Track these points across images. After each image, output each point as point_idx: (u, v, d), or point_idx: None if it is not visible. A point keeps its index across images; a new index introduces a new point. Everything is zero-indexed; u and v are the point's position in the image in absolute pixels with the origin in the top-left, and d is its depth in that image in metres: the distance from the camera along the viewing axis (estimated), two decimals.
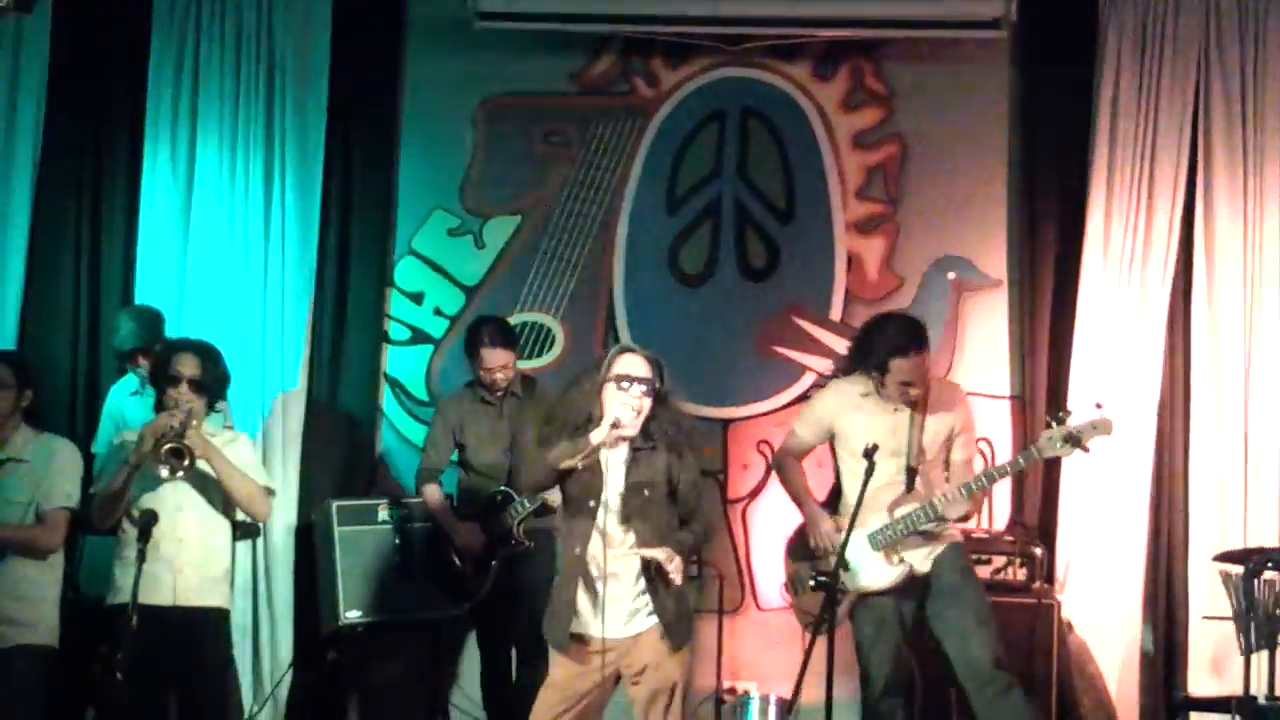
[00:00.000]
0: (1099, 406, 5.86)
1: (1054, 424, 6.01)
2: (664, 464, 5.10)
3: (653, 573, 5.04)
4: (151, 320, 7.27)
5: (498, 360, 7.03)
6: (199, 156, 7.93)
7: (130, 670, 5.27)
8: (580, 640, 5.07)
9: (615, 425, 4.94)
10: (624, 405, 5.00)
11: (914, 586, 6.17)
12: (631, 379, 5.01)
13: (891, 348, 6.11)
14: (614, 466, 5.06)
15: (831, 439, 6.36)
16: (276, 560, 7.71)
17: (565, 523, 5.11)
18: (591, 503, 5.01)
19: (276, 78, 7.94)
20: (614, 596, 5.04)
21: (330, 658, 7.59)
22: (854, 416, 6.24)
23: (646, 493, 5.03)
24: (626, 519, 5.04)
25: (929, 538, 6.17)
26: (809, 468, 6.54)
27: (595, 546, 5.02)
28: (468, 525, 7.03)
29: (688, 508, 5.19)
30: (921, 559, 6.16)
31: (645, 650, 5.04)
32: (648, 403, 5.05)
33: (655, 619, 5.04)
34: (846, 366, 6.40)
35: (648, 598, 5.04)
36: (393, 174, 8.15)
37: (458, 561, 7.00)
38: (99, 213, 8.07)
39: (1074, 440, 5.94)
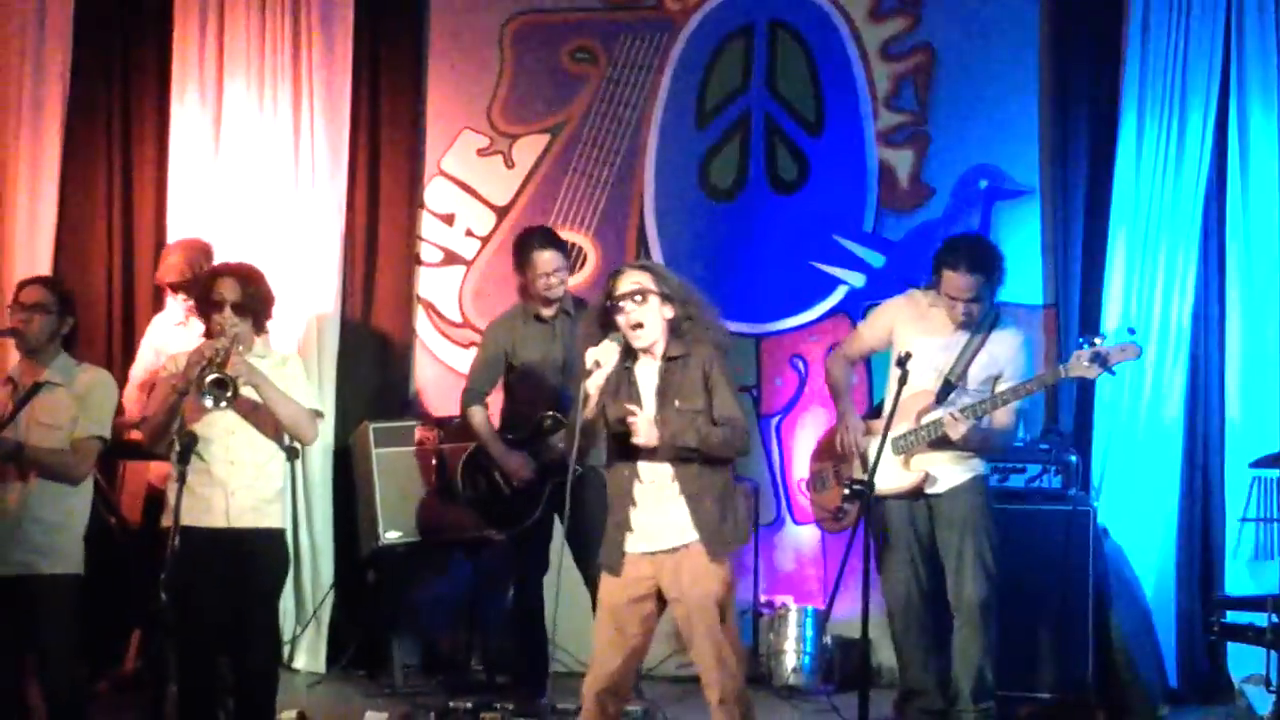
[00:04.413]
0: (1131, 331, 5.87)
1: (1085, 345, 6.05)
2: (698, 374, 5.08)
3: (694, 487, 5.04)
4: (200, 252, 7.27)
5: (550, 263, 6.76)
6: (226, 81, 7.97)
7: (181, 592, 5.30)
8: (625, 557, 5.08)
9: (596, 366, 4.95)
10: (624, 324, 5.01)
11: (926, 509, 6.26)
12: (618, 298, 5.03)
13: (944, 258, 6.20)
14: (646, 380, 5.07)
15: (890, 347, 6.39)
16: (315, 482, 7.79)
17: (607, 443, 5.09)
18: (631, 419, 5.02)
19: (303, 1, 7.93)
20: (654, 510, 5.05)
21: (370, 578, 7.67)
22: (915, 324, 6.29)
23: (678, 403, 5.02)
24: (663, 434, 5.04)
25: (956, 460, 6.22)
26: None
27: (641, 464, 5.04)
28: (517, 453, 6.81)
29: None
30: (942, 478, 6.22)
31: (684, 565, 5.03)
32: (651, 308, 5.03)
33: (695, 534, 5.03)
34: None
35: (688, 511, 5.04)
36: (420, 95, 8.15)
37: (505, 488, 6.84)
38: (129, 141, 8.12)
39: (1101, 361, 5.96)
